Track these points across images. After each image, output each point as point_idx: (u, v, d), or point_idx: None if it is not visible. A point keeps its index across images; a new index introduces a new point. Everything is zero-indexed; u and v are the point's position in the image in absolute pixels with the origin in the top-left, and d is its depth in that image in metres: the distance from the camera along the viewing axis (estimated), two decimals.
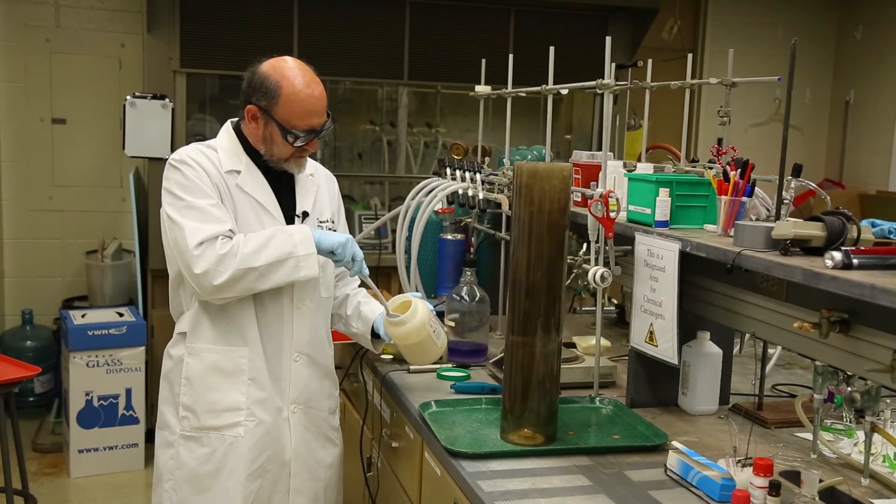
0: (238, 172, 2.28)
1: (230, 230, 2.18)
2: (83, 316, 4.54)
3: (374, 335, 2.50)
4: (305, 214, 2.36)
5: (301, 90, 2.20)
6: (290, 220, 2.33)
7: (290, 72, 2.22)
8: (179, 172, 2.21)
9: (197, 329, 2.29)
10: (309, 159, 2.41)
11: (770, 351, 2.70)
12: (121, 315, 4.59)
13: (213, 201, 2.19)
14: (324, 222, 2.40)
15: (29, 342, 5.05)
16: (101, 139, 5.22)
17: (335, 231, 2.42)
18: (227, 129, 2.35)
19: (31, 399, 5.02)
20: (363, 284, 2.50)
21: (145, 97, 4.61)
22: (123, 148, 4.62)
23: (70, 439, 4.43)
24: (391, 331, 2.40)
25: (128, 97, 4.59)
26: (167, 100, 4.63)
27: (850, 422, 2.15)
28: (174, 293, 2.36)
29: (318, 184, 2.44)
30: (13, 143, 5.14)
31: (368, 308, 2.53)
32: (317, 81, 2.25)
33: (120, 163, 5.18)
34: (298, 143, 2.25)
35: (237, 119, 2.36)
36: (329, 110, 2.29)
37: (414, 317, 2.37)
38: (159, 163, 4.60)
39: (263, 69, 2.24)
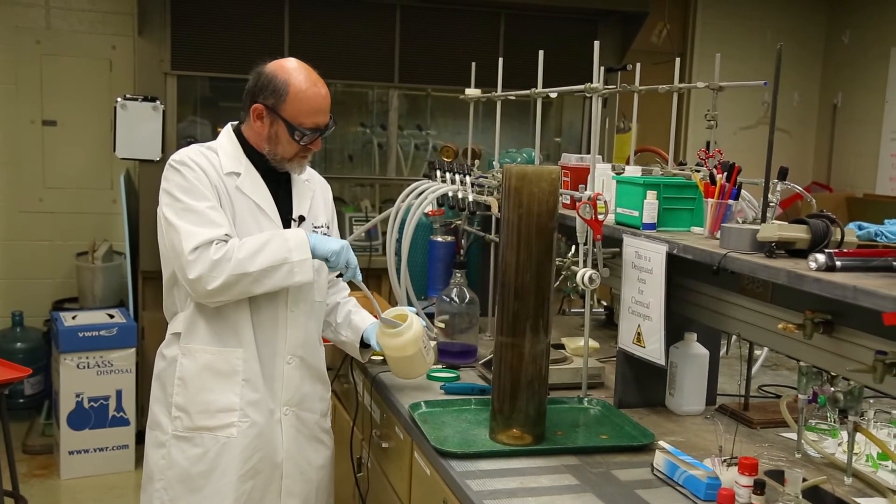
0: (238, 175, 2.29)
1: (226, 234, 2.19)
2: (74, 317, 4.54)
3: (363, 345, 2.53)
4: (302, 219, 2.38)
5: (308, 88, 2.24)
6: (286, 223, 2.35)
7: (296, 71, 2.26)
8: (179, 174, 2.22)
9: (192, 330, 2.30)
10: (308, 167, 2.44)
11: (757, 352, 2.73)
12: (111, 317, 4.59)
13: (210, 204, 2.20)
14: (318, 227, 2.42)
15: (19, 344, 5.04)
16: (91, 141, 5.22)
17: (329, 236, 2.44)
18: (227, 132, 2.37)
19: (22, 401, 5.01)
20: (354, 289, 2.51)
21: (136, 99, 4.61)
22: (114, 150, 4.63)
23: (60, 441, 4.43)
24: (384, 341, 2.41)
25: (118, 99, 4.59)
26: (158, 102, 4.63)
27: (834, 422, 2.18)
28: (168, 293, 2.37)
29: (313, 189, 2.46)
30: (4, 144, 5.13)
31: (359, 317, 2.55)
32: (322, 81, 2.29)
33: (111, 165, 5.18)
34: (305, 141, 2.27)
35: (237, 122, 2.37)
36: (331, 113, 2.31)
37: (409, 329, 2.38)
38: (150, 165, 4.62)
39: (270, 69, 2.27)
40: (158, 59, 4.77)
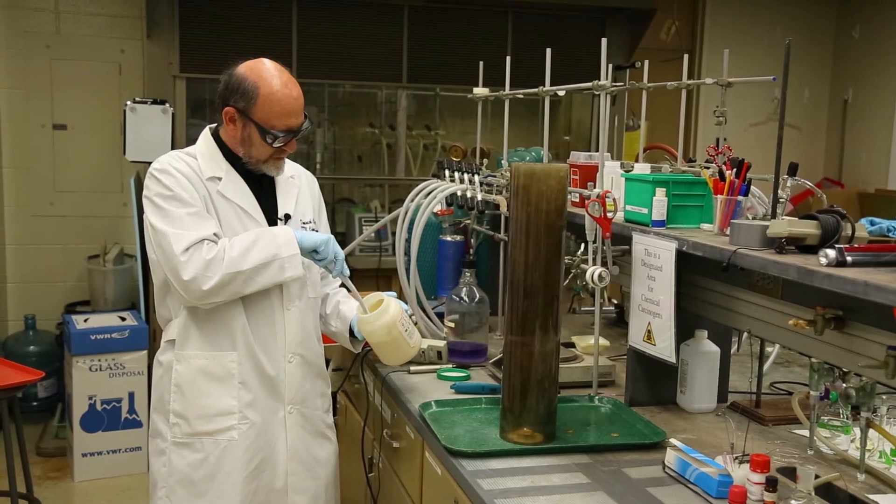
0: (219, 179, 2.28)
1: (214, 234, 2.19)
2: (86, 320, 4.55)
3: (353, 334, 2.51)
4: (287, 217, 2.37)
5: (279, 90, 2.21)
6: (272, 223, 2.34)
7: (267, 73, 2.23)
8: (160, 183, 2.22)
9: (185, 336, 2.30)
10: (290, 161, 2.44)
11: (769, 349, 2.72)
12: (123, 319, 4.60)
13: (194, 209, 2.20)
14: (307, 223, 2.41)
15: (32, 347, 5.07)
16: (101, 144, 5.24)
17: (317, 231, 2.44)
18: (205, 136, 2.36)
19: (35, 404, 5.04)
20: (343, 285, 2.51)
21: (145, 102, 4.62)
22: (124, 153, 4.64)
23: (73, 443, 4.45)
24: (364, 327, 2.38)
25: (128, 102, 4.60)
26: (167, 104, 4.64)
27: (847, 418, 2.16)
28: (161, 302, 2.37)
29: (299, 186, 2.45)
30: (14, 149, 5.16)
31: (347, 307, 2.53)
32: (294, 82, 2.26)
33: (121, 168, 5.20)
34: (277, 144, 2.25)
35: (215, 125, 2.37)
36: (306, 112, 2.30)
37: (385, 313, 2.35)
38: None
39: (240, 71, 2.25)
40: (167, 61, 4.80)
